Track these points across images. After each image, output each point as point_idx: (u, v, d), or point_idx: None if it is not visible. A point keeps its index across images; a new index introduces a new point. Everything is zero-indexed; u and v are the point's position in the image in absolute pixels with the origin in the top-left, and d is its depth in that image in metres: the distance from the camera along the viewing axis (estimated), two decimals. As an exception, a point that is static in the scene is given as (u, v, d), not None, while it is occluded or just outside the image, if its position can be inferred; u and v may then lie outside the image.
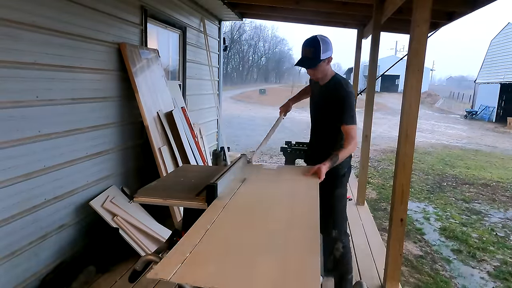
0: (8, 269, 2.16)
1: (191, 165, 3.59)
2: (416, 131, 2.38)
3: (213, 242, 1.12)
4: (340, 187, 2.27)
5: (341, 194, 2.28)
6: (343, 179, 2.28)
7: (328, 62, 2.13)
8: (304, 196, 1.63)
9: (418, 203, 6.09)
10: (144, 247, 2.84)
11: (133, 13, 3.38)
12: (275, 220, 1.32)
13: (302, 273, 0.95)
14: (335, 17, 5.24)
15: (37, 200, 2.35)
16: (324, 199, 2.17)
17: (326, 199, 2.16)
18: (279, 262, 1.01)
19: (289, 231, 1.21)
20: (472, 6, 3.44)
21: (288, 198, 1.60)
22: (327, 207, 2.21)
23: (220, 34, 6.46)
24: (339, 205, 2.26)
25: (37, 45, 2.26)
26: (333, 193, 2.23)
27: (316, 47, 2.04)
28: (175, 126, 3.76)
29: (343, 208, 2.30)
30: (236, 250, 1.08)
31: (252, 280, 0.93)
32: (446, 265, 3.90)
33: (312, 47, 2.06)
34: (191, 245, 1.07)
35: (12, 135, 2.12)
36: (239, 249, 1.09)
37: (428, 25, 2.25)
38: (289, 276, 0.94)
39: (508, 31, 22.92)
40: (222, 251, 1.07)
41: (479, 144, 13.77)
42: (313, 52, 2.05)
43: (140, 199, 1.56)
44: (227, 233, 1.20)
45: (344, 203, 2.32)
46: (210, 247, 1.09)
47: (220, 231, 1.19)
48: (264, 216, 1.36)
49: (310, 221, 1.26)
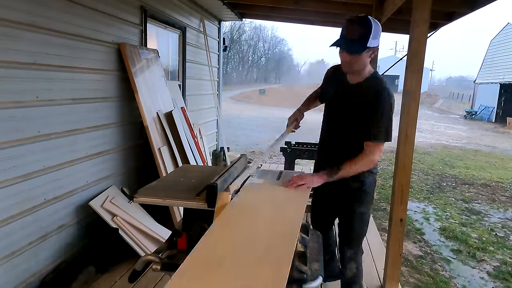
0: (7, 269, 2.16)
1: (191, 165, 3.59)
2: (416, 131, 2.38)
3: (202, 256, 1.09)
4: (365, 205, 1.96)
5: (363, 212, 1.98)
6: (367, 196, 1.96)
7: (372, 53, 1.71)
8: (289, 212, 1.47)
9: (418, 203, 6.09)
10: (144, 247, 2.84)
11: (133, 13, 3.38)
12: (255, 238, 1.23)
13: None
14: (335, 17, 5.24)
15: (37, 200, 2.35)
16: (343, 216, 2.03)
17: (345, 216, 2.01)
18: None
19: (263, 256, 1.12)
20: (471, 6, 3.45)
21: (273, 213, 1.46)
22: (345, 224, 2.03)
23: (220, 34, 6.46)
24: (360, 225, 1.99)
25: (37, 45, 2.26)
26: (353, 211, 1.96)
27: (366, 28, 1.60)
28: (174, 126, 3.76)
29: (364, 228, 2.02)
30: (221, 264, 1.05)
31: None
32: (446, 265, 3.90)
33: (362, 26, 1.61)
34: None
35: (11, 135, 2.12)
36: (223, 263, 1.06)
37: (428, 25, 2.25)
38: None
39: (507, 31, 22.94)
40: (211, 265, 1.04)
41: (478, 144, 13.77)
42: (361, 34, 1.60)
43: (140, 199, 1.56)
44: (214, 248, 1.15)
45: (367, 221, 2.02)
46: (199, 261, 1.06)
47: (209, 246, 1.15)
48: (248, 232, 1.28)
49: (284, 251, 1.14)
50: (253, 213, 1.42)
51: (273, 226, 1.32)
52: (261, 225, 1.32)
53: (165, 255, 1.54)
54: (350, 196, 1.94)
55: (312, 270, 1.50)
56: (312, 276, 1.46)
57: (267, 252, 1.12)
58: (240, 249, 1.14)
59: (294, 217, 1.41)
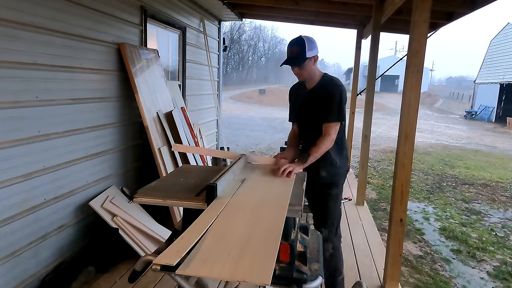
0: (7, 269, 2.16)
1: (191, 165, 3.59)
2: (416, 131, 2.38)
3: (215, 238, 1.18)
4: (336, 186, 2.23)
5: (336, 194, 2.23)
6: (339, 179, 2.24)
7: (314, 61, 2.11)
8: (277, 196, 1.59)
9: (418, 203, 6.10)
10: (144, 247, 2.84)
11: (133, 14, 3.38)
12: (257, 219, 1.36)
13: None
14: (335, 17, 5.24)
15: (37, 200, 2.35)
16: (317, 198, 2.29)
17: (319, 198, 2.26)
18: None
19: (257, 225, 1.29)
20: (471, 7, 3.45)
21: (265, 199, 1.58)
22: (320, 206, 2.26)
23: (220, 34, 6.46)
24: (332, 205, 2.23)
25: (37, 45, 2.26)
26: (327, 192, 2.21)
27: (301, 45, 2.04)
28: (174, 126, 3.76)
29: (337, 209, 2.26)
30: (232, 245, 1.15)
31: None
32: (446, 265, 3.90)
33: (297, 45, 2.06)
34: (193, 241, 1.14)
35: (11, 135, 2.12)
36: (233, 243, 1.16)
37: (428, 25, 2.25)
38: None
39: (507, 31, 22.94)
40: (223, 247, 1.13)
41: (478, 144, 13.78)
42: (298, 51, 2.05)
43: (139, 199, 1.56)
44: (225, 230, 1.25)
45: (339, 204, 2.27)
46: (212, 243, 1.16)
47: (219, 228, 1.25)
48: (253, 215, 1.39)
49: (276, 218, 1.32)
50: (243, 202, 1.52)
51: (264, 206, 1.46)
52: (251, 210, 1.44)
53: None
54: (325, 179, 2.19)
55: (312, 270, 1.51)
56: (312, 276, 1.47)
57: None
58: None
59: (284, 192, 1.60)
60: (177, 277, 1.54)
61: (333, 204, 2.23)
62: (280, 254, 1.43)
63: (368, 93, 4.18)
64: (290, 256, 1.43)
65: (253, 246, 1.12)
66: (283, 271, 1.42)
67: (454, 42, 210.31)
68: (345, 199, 4.68)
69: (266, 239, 1.16)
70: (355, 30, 5.45)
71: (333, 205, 2.23)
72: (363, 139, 4.41)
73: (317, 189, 2.23)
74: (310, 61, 2.09)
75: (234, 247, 1.12)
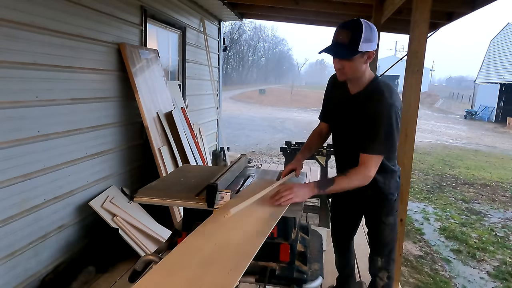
0: (7, 269, 2.16)
1: (191, 165, 3.59)
2: (416, 131, 2.38)
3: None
4: (392, 214, 1.89)
5: (393, 222, 1.90)
6: (395, 204, 1.90)
7: (367, 58, 1.57)
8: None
9: (418, 203, 6.09)
10: (144, 247, 2.84)
11: (133, 14, 3.38)
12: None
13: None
14: (335, 17, 5.24)
15: (37, 200, 2.35)
16: (373, 226, 1.97)
17: (375, 226, 1.95)
18: None
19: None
20: (471, 7, 3.45)
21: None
22: (375, 234, 1.97)
23: (220, 34, 6.46)
24: (390, 234, 1.91)
25: (37, 45, 2.26)
26: (382, 220, 1.89)
27: (356, 31, 1.48)
28: (174, 126, 3.76)
29: (394, 237, 1.95)
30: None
31: None
32: (446, 265, 3.90)
33: (350, 30, 1.50)
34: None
35: (11, 135, 2.12)
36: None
37: (428, 25, 2.25)
38: None
39: (507, 31, 22.94)
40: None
41: (478, 144, 13.78)
42: (350, 38, 1.49)
43: (140, 199, 1.56)
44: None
45: (396, 231, 1.96)
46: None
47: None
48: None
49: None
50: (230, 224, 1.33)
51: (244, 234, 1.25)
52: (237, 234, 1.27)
53: (165, 255, 1.54)
54: (381, 204, 1.86)
55: (312, 270, 1.51)
56: (312, 276, 1.47)
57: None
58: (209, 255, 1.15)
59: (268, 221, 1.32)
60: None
61: (391, 232, 1.92)
62: (280, 254, 1.43)
63: (368, 93, 4.17)
64: (290, 256, 1.43)
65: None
66: (283, 271, 1.42)
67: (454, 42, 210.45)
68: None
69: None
70: (355, 30, 5.45)
71: (391, 234, 1.92)
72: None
73: (369, 214, 1.97)
74: (362, 56, 1.55)
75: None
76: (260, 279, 1.39)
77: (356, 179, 1.57)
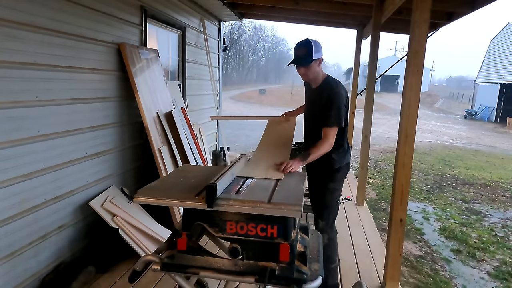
0: (7, 269, 2.16)
1: (191, 165, 3.59)
2: (416, 131, 2.38)
3: None
4: (333, 181, 2.36)
5: (333, 188, 2.37)
6: (337, 174, 2.37)
7: (319, 63, 2.27)
8: None
9: (418, 203, 6.10)
10: (144, 247, 2.84)
11: (133, 14, 3.38)
12: None
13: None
14: (335, 17, 5.24)
15: (37, 200, 2.35)
16: (315, 192, 2.47)
17: (317, 191, 2.44)
18: None
19: None
20: (471, 7, 3.45)
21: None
22: (317, 199, 2.44)
23: (220, 34, 6.46)
24: (329, 198, 2.37)
25: (37, 45, 2.26)
26: (325, 186, 2.36)
27: (308, 47, 2.19)
28: (174, 126, 3.76)
29: (334, 203, 2.40)
30: None
31: None
32: (446, 265, 3.90)
33: (304, 47, 2.20)
34: None
35: (11, 135, 2.12)
36: None
37: (428, 25, 2.25)
38: None
39: (507, 31, 22.94)
40: None
41: (478, 144, 13.78)
42: (305, 52, 2.19)
43: (139, 199, 1.55)
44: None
45: (335, 197, 2.41)
46: None
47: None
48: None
49: None
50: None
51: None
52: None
53: (165, 255, 1.54)
54: (324, 173, 2.36)
55: (312, 270, 1.50)
56: (312, 276, 1.46)
57: None
58: None
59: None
60: (177, 277, 1.54)
61: (330, 197, 2.37)
62: (280, 254, 1.43)
63: (368, 93, 4.18)
64: (290, 256, 1.43)
65: None
66: (283, 271, 1.42)
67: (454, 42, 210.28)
68: (345, 199, 4.68)
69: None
70: (355, 30, 5.45)
71: (329, 198, 2.37)
72: (363, 139, 4.41)
73: (316, 182, 2.44)
74: (315, 62, 2.24)
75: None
76: (260, 279, 1.39)
77: (323, 148, 2.17)
